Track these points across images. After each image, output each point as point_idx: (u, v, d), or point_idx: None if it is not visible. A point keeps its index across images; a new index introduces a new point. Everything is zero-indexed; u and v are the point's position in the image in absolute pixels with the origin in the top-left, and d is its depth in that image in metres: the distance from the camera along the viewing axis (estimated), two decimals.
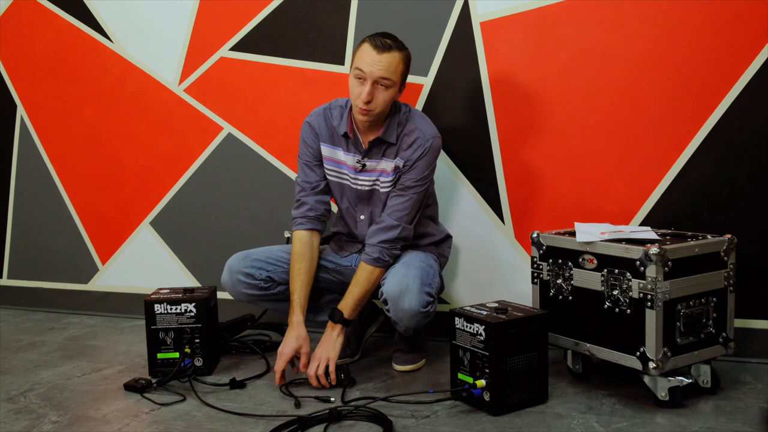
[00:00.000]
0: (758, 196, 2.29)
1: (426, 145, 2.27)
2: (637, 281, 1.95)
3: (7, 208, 3.54)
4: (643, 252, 1.92)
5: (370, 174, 2.35)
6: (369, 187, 2.37)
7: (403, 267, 2.25)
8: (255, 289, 2.37)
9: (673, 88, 2.35)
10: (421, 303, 2.17)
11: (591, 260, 2.08)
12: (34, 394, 2.28)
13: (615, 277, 2.01)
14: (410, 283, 2.17)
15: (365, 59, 2.19)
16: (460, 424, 1.92)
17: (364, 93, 2.18)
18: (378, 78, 2.18)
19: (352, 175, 2.38)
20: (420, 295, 2.17)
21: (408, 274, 2.20)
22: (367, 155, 2.34)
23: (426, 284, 2.21)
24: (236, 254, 2.41)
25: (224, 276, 2.39)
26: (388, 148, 2.32)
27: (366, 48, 2.20)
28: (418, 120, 2.32)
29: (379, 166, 2.34)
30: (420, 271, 2.22)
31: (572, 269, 2.13)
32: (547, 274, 2.21)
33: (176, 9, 3.08)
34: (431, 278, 2.26)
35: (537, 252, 2.25)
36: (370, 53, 2.18)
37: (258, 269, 2.36)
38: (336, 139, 2.38)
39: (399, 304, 2.17)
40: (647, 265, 1.92)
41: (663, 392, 1.96)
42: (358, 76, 2.20)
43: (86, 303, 3.39)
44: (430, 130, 2.30)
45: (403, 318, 2.19)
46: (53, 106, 3.39)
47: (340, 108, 2.39)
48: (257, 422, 1.98)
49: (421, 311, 2.17)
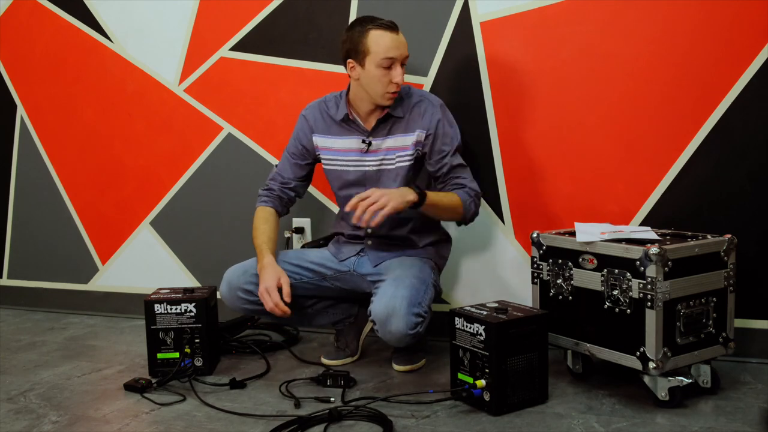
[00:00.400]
0: (758, 196, 2.29)
1: (437, 104, 2.35)
2: (637, 281, 1.95)
3: (7, 208, 3.54)
4: (643, 252, 1.92)
5: (376, 154, 2.36)
6: (376, 167, 2.37)
7: (392, 286, 2.19)
8: (255, 304, 2.34)
9: (673, 88, 2.35)
10: (409, 325, 2.12)
11: (591, 260, 2.08)
12: (34, 394, 2.28)
13: (615, 277, 2.01)
14: (397, 306, 2.12)
15: (388, 44, 2.23)
16: (460, 424, 1.92)
17: (399, 75, 2.24)
18: (405, 57, 2.26)
19: (357, 158, 2.38)
20: (407, 317, 2.12)
21: (396, 295, 2.15)
22: (372, 134, 2.35)
23: (414, 304, 2.15)
24: (234, 268, 2.38)
25: (223, 290, 2.36)
26: (395, 124, 2.35)
27: (380, 34, 2.22)
28: (418, 91, 2.41)
29: (384, 145, 2.35)
30: (409, 290, 2.17)
31: (572, 269, 2.13)
32: (547, 274, 2.21)
33: (176, 9, 3.08)
34: (421, 296, 2.20)
35: (537, 252, 2.25)
36: (389, 37, 2.23)
37: (257, 285, 2.31)
38: (334, 128, 2.39)
39: (386, 327, 2.14)
40: (647, 265, 1.92)
41: (663, 392, 1.96)
42: (386, 65, 2.23)
43: (86, 303, 3.39)
44: (433, 95, 2.41)
45: (391, 340, 2.17)
46: (53, 106, 3.39)
47: (335, 98, 2.44)
48: (257, 422, 1.98)
49: (408, 333, 2.13)
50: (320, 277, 2.43)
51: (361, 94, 2.33)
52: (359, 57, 2.26)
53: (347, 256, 2.46)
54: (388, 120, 2.35)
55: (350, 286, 2.45)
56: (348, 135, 2.38)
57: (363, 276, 2.42)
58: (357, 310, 2.56)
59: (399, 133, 2.35)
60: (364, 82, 2.29)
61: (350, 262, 2.45)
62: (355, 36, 2.26)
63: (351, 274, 2.44)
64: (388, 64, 2.23)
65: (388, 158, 2.36)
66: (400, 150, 2.35)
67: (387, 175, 2.37)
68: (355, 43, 2.26)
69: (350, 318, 2.55)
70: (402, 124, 2.34)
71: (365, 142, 2.35)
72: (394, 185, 2.34)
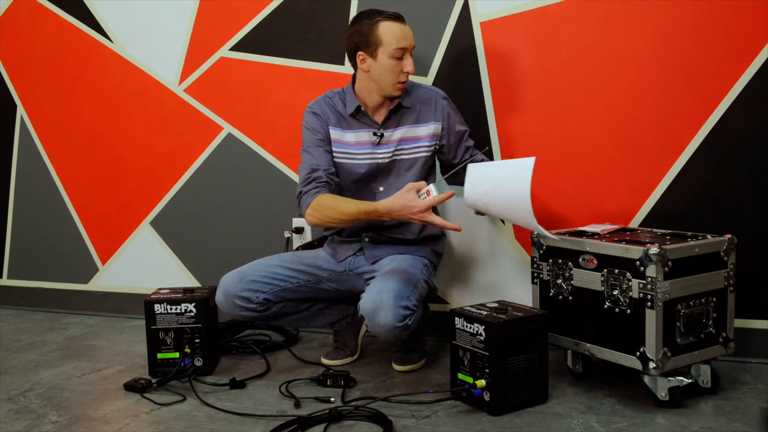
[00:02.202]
0: (758, 196, 2.29)
1: (443, 95, 2.42)
2: (637, 281, 1.95)
3: (7, 208, 3.55)
4: (643, 252, 1.92)
5: (388, 145, 2.37)
6: (389, 158, 2.37)
7: (380, 281, 2.19)
8: (252, 311, 2.32)
9: (673, 87, 2.35)
10: (397, 318, 2.10)
11: (591, 260, 2.08)
12: (34, 394, 2.28)
13: (615, 277, 2.00)
14: (384, 299, 2.10)
15: (398, 34, 2.26)
16: (460, 424, 1.92)
17: (410, 65, 2.28)
18: (413, 47, 2.31)
19: (368, 151, 2.37)
20: (395, 309, 2.09)
21: (383, 288, 2.14)
22: (383, 126, 2.37)
23: (402, 297, 2.12)
24: (230, 275, 2.33)
25: (219, 297, 2.32)
26: (405, 115, 2.38)
27: (390, 25, 2.26)
28: (421, 85, 2.45)
29: (395, 136, 2.37)
30: (397, 284, 2.16)
31: (572, 269, 2.13)
32: (547, 274, 2.21)
33: (176, 9, 3.08)
34: (410, 290, 2.18)
35: (537, 252, 2.25)
36: (397, 28, 2.27)
37: (254, 291, 2.29)
38: (343, 122, 2.39)
39: (374, 320, 2.12)
40: (647, 265, 1.92)
41: (663, 392, 1.96)
42: (399, 55, 2.27)
43: (86, 303, 3.39)
44: (432, 89, 2.46)
45: (380, 333, 2.14)
46: (53, 106, 3.39)
47: (338, 94, 2.44)
48: (257, 422, 1.98)
49: (397, 326, 2.10)
50: (316, 280, 2.42)
51: (371, 86, 2.34)
52: (370, 49, 2.27)
53: (345, 257, 2.46)
54: (398, 111, 2.36)
55: (346, 287, 2.44)
56: (358, 128, 2.38)
57: (359, 275, 2.42)
58: (353, 310, 2.56)
59: (409, 124, 2.38)
60: (375, 74, 2.29)
61: (347, 263, 2.45)
62: (364, 28, 2.27)
63: (347, 274, 2.44)
64: (401, 54, 2.26)
65: (402, 149, 2.37)
66: (414, 140, 2.38)
67: (401, 165, 2.38)
68: (365, 35, 2.27)
69: (347, 318, 2.54)
70: (412, 114, 2.38)
71: (377, 134, 2.36)
72: (408, 175, 2.37)
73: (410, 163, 2.38)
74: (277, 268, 2.36)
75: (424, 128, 2.37)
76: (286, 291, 2.35)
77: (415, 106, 2.38)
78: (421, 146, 2.38)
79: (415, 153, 2.38)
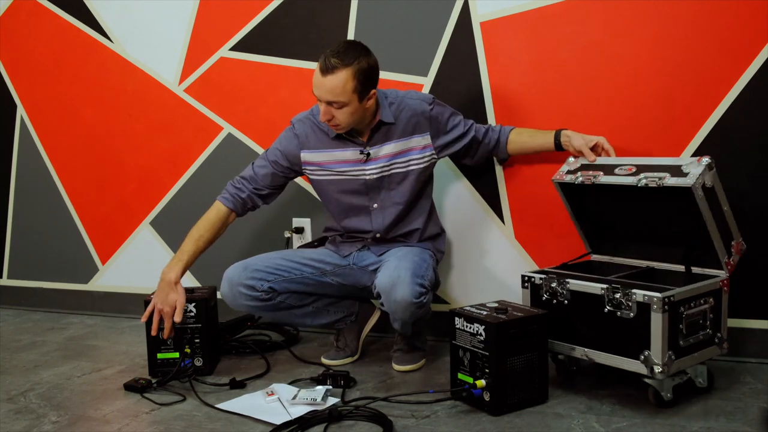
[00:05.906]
0: (758, 196, 2.29)
1: (429, 100, 2.38)
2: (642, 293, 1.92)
3: (7, 208, 3.55)
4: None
5: (377, 161, 2.36)
6: (378, 174, 2.37)
7: (395, 260, 2.26)
8: (257, 300, 2.35)
9: (673, 88, 2.35)
10: (414, 294, 2.16)
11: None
12: (34, 394, 2.28)
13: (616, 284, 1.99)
14: (402, 275, 2.17)
15: (314, 81, 2.22)
16: (460, 424, 1.92)
17: (321, 113, 2.25)
18: (326, 101, 2.21)
19: (357, 168, 2.37)
20: (412, 285, 2.16)
21: (399, 266, 2.21)
22: (369, 144, 2.36)
23: (418, 276, 2.20)
24: (235, 265, 2.37)
25: (224, 288, 2.35)
26: (390, 130, 2.35)
27: (316, 68, 2.21)
28: (407, 101, 2.38)
29: (383, 152, 2.36)
30: (412, 264, 2.23)
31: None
32: (539, 279, 2.18)
33: (176, 9, 3.08)
34: (424, 270, 2.25)
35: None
36: (317, 75, 2.21)
37: (259, 280, 2.33)
38: (327, 142, 2.39)
39: (391, 295, 2.17)
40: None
41: (668, 393, 1.95)
42: None
43: (86, 303, 3.39)
44: (419, 96, 2.40)
45: (397, 310, 2.19)
46: (53, 106, 3.39)
47: None
48: (257, 422, 1.98)
49: (414, 302, 2.16)
50: (320, 273, 2.43)
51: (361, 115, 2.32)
52: None
53: (349, 252, 2.47)
54: (380, 128, 2.35)
55: (351, 282, 2.45)
56: (344, 147, 2.38)
57: (363, 268, 2.44)
58: (358, 308, 2.56)
59: (397, 138, 2.36)
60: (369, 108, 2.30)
61: (351, 257, 2.47)
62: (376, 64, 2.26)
63: (351, 267, 2.45)
64: None
65: (395, 163, 2.37)
66: (405, 153, 2.37)
67: (392, 180, 2.38)
68: None
69: (351, 316, 2.55)
70: (398, 128, 2.36)
71: (363, 153, 2.36)
72: (400, 188, 2.38)
73: (402, 177, 2.38)
74: (281, 260, 2.39)
75: (412, 140, 2.37)
76: (291, 282, 2.37)
77: (400, 119, 2.36)
78: (412, 159, 2.38)
79: (406, 166, 2.38)
